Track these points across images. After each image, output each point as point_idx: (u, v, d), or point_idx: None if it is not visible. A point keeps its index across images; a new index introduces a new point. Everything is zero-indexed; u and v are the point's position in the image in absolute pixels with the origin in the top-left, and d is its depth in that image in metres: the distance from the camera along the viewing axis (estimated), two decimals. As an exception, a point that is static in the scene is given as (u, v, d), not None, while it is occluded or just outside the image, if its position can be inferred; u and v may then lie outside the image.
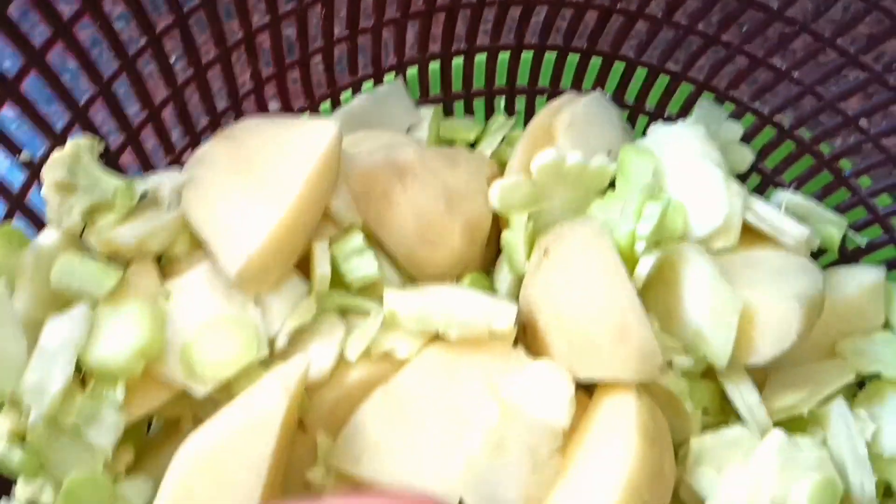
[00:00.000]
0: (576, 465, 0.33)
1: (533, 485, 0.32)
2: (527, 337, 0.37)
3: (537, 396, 0.34)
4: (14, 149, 0.35)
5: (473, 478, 0.32)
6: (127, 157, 0.39)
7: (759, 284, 0.36)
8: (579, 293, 0.34)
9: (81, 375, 0.33)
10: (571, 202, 0.40)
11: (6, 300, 0.33)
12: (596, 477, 0.32)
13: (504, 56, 0.46)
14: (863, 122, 0.42)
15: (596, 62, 0.46)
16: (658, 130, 0.42)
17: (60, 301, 0.34)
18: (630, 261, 0.36)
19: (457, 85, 0.46)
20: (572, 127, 0.41)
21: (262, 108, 0.44)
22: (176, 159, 0.41)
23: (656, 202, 0.36)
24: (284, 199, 0.33)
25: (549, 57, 0.46)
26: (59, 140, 0.35)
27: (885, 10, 0.38)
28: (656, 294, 0.38)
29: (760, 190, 0.45)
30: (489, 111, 0.48)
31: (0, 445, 0.32)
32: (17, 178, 0.35)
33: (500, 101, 0.48)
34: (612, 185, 0.41)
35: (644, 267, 0.36)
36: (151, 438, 0.38)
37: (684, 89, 0.45)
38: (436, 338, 0.35)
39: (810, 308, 0.35)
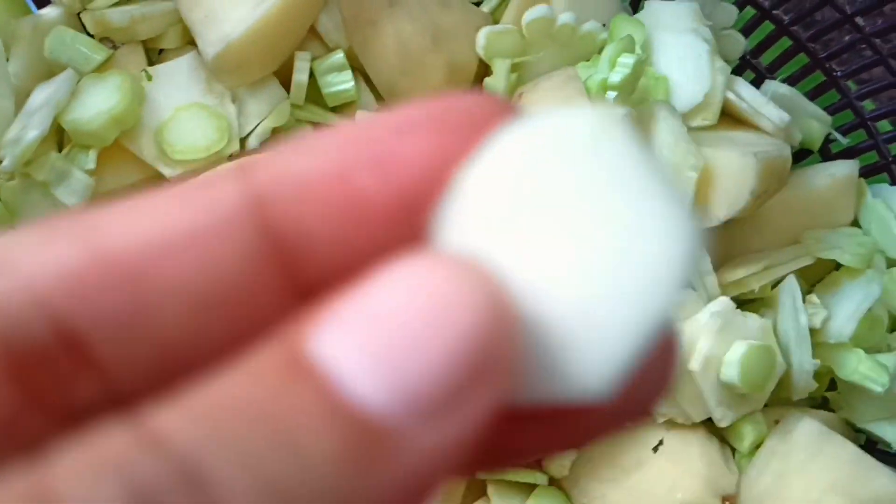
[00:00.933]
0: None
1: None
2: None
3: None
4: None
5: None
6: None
7: (723, 148, 0.37)
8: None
9: (60, 141, 0.35)
10: (557, 63, 0.41)
11: (2, 59, 0.34)
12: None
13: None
14: (859, 21, 0.42)
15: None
16: (653, 5, 0.43)
17: (52, 74, 0.36)
18: (600, 110, 0.37)
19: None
20: (569, -12, 0.42)
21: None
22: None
23: (631, 54, 0.37)
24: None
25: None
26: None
27: None
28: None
29: (755, 85, 0.46)
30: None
31: (-24, 193, 0.34)
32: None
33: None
34: (600, 52, 0.42)
35: (612, 117, 0.36)
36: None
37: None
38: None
39: (768, 167, 0.36)
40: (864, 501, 0.33)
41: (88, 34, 0.37)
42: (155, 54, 0.38)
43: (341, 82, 0.37)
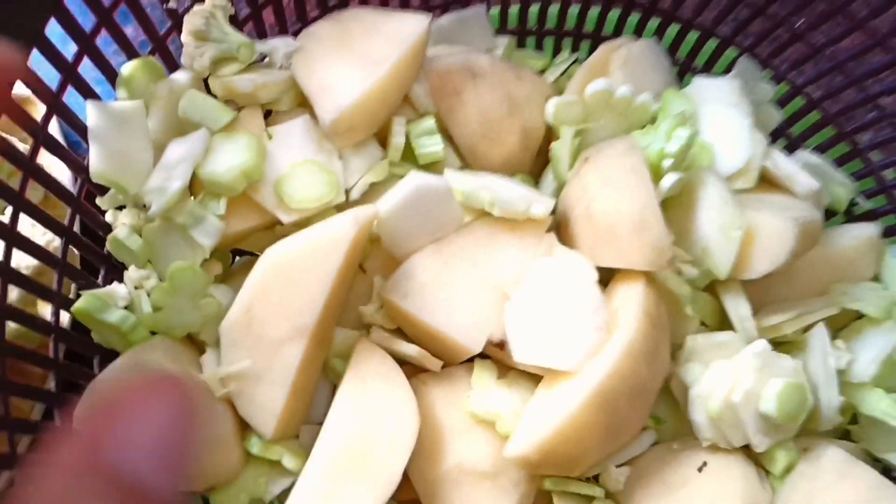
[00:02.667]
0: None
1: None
2: (559, 233, 0.43)
3: (563, 277, 0.40)
4: None
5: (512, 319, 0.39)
6: (248, 28, 0.46)
7: (764, 211, 0.42)
8: (609, 191, 0.41)
9: (191, 191, 0.41)
10: (615, 129, 0.47)
11: (142, 117, 0.40)
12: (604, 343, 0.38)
13: (574, 9, 0.53)
14: (882, 101, 0.47)
15: (655, 21, 0.52)
16: (700, 81, 0.48)
17: (182, 130, 0.41)
18: (657, 175, 0.42)
19: (532, 22, 0.53)
20: (626, 65, 0.48)
21: (363, 2, 0.50)
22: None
23: (685, 128, 0.42)
24: (377, 71, 0.40)
25: (613, 15, 0.53)
26: (199, -1, 0.43)
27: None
28: (675, 213, 0.44)
29: (787, 152, 0.51)
30: (556, 52, 0.54)
31: (123, 232, 0.39)
32: (163, 25, 0.43)
33: (568, 43, 0.54)
34: (653, 121, 0.47)
35: (668, 181, 0.42)
36: (234, 270, 0.45)
37: (730, 54, 0.51)
38: (483, 214, 0.42)
39: (804, 230, 0.41)
40: (884, 521, 0.38)
41: (213, 96, 0.42)
42: (272, 115, 0.44)
43: (432, 144, 0.43)
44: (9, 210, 0.36)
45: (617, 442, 0.39)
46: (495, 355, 0.41)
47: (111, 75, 0.41)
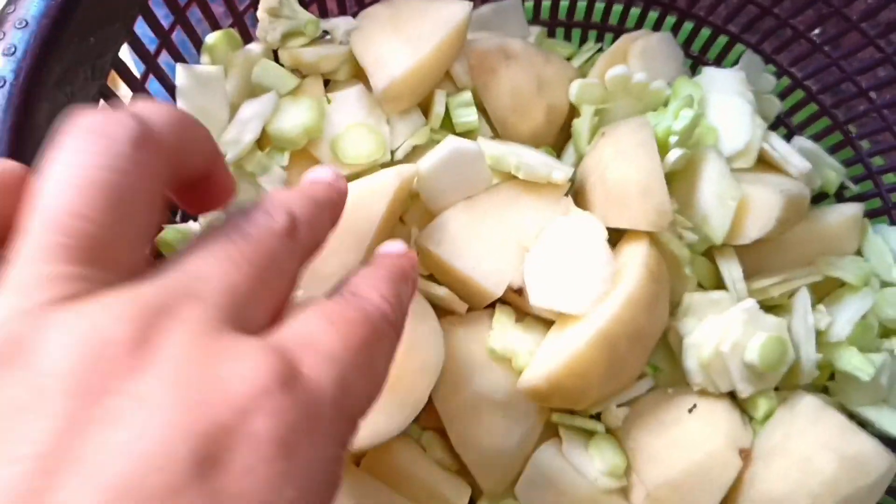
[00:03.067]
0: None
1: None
2: (576, 198, 0.49)
3: (577, 234, 0.46)
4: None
5: (530, 268, 0.45)
6: (312, 9, 0.53)
7: (757, 185, 0.48)
8: (620, 161, 0.47)
9: (260, 146, 0.47)
10: (631, 111, 0.53)
11: (222, 81, 0.47)
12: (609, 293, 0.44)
13: (600, 5, 0.59)
14: (872, 94, 0.53)
15: (672, 17, 0.58)
16: (709, 71, 0.54)
17: (255, 93, 0.48)
18: (664, 150, 0.48)
19: (562, 15, 0.59)
20: (643, 54, 0.54)
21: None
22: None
23: (690, 109, 0.48)
24: (424, 48, 0.47)
25: (635, 11, 0.59)
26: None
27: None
28: (680, 185, 0.50)
29: (786, 140, 0.57)
30: (583, 42, 0.61)
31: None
32: (243, 2, 0.50)
33: (593, 34, 0.60)
34: (665, 105, 0.53)
35: (673, 155, 0.48)
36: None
37: (738, 49, 0.57)
38: (510, 177, 0.48)
39: (791, 202, 0.47)
40: (847, 456, 0.44)
41: (281, 65, 0.49)
42: (331, 85, 0.50)
43: (468, 115, 0.49)
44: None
45: (617, 381, 0.45)
46: (514, 301, 0.47)
47: (197, 43, 0.48)
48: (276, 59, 0.49)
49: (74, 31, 0.34)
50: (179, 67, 0.45)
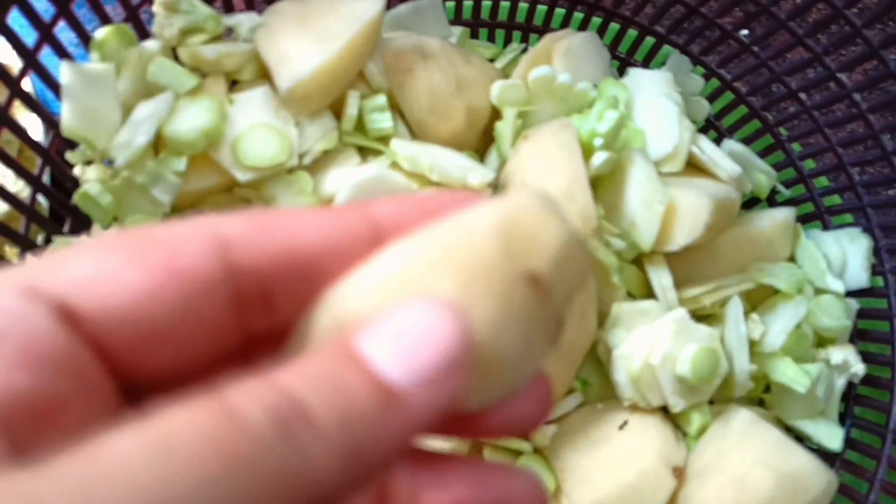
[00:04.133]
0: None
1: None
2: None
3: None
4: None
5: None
6: (217, 5, 0.49)
7: (685, 189, 0.46)
8: (542, 164, 0.44)
9: (156, 153, 0.44)
10: (555, 113, 0.50)
11: (112, 79, 0.43)
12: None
13: (524, 5, 0.56)
14: (802, 96, 0.51)
15: (598, 19, 0.56)
16: (635, 73, 0.52)
17: (150, 94, 0.44)
18: (588, 153, 0.46)
19: (484, 15, 0.57)
20: (567, 54, 0.51)
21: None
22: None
23: (615, 110, 0.46)
24: (334, 46, 0.43)
25: (560, 11, 0.56)
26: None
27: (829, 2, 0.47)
28: (607, 190, 0.48)
29: (716, 143, 0.55)
30: (507, 43, 0.58)
31: (94, 188, 0.42)
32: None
33: (518, 36, 0.58)
34: (590, 107, 0.51)
35: (598, 159, 0.45)
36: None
37: (666, 51, 0.55)
38: (427, 182, 0.45)
39: (720, 207, 0.45)
40: (784, 473, 0.42)
41: (180, 64, 0.45)
42: (230, 84, 0.47)
43: (383, 120, 0.46)
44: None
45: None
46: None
47: (85, 39, 0.44)
48: (175, 59, 0.46)
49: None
50: (65, 65, 0.41)
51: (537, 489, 0.18)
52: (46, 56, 0.43)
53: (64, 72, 0.41)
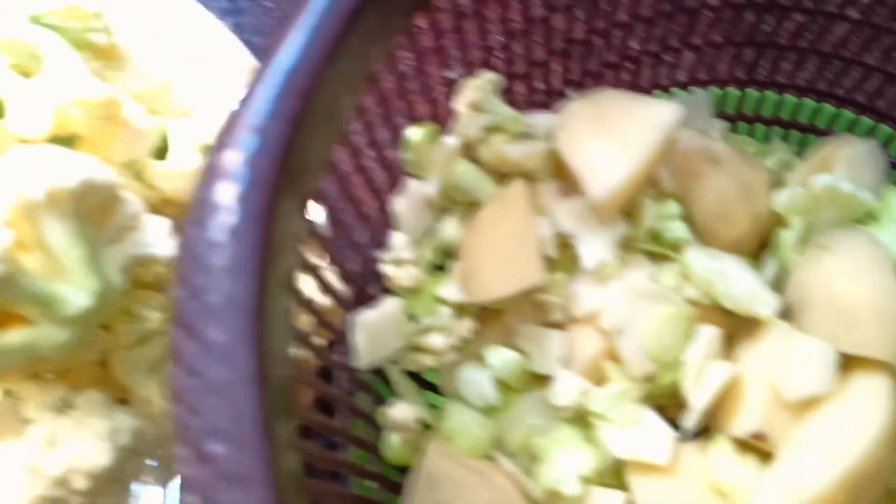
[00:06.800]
0: (826, 418, 0.40)
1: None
2: (788, 315, 0.45)
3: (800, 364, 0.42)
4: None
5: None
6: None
7: None
8: (854, 279, 0.43)
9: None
10: (834, 222, 0.49)
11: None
12: (846, 429, 0.39)
13: (791, 100, 0.55)
14: None
15: (868, 121, 0.54)
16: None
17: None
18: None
19: (748, 109, 0.56)
20: (849, 162, 0.50)
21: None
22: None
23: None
24: (637, 154, 0.43)
25: (829, 108, 0.55)
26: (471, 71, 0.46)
27: None
28: None
29: None
30: (766, 139, 0.57)
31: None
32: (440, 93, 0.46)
33: (779, 132, 0.57)
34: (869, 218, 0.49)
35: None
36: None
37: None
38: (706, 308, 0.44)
39: None
40: None
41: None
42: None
43: (678, 230, 0.45)
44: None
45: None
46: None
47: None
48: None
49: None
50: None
51: None
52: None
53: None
